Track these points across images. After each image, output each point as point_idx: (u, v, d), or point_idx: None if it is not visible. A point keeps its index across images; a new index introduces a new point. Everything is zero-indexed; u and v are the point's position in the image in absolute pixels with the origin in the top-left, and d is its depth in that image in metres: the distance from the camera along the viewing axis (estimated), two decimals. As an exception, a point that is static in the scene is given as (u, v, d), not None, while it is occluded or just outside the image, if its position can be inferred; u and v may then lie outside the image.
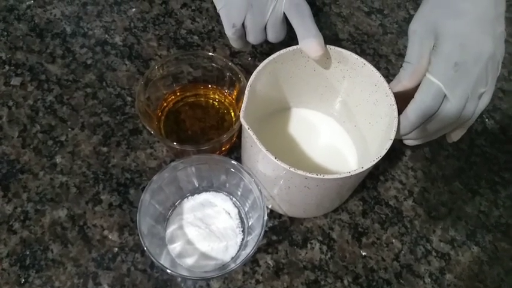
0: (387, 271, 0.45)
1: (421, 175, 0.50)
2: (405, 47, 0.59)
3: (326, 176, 0.34)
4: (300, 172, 0.34)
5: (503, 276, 0.46)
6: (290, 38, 0.58)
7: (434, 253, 0.46)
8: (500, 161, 0.52)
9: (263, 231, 0.39)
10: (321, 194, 0.39)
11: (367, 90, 0.42)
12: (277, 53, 0.41)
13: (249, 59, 0.56)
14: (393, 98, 0.39)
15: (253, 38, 0.45)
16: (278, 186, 0.40)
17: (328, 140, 0.49)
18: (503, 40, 0.38)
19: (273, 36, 0.45)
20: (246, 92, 0.39)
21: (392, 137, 0.37)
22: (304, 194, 0.38)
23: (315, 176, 0.34)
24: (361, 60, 0.41)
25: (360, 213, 0.47)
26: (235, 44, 0.47)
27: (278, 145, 0.42)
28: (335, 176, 0.35)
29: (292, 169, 0.34)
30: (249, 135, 0.36)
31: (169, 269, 0.37)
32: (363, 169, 0.35)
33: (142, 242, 0.37)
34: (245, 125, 0.36)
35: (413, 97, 0.38)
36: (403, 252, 0.46)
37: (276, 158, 0.35)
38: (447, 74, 0.36)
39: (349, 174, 0.35)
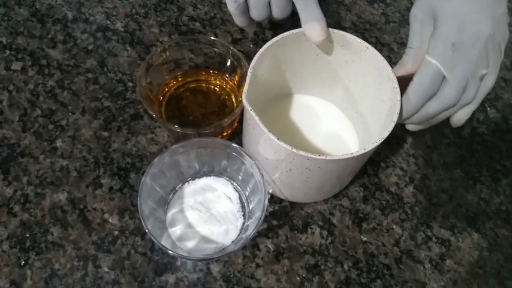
0: (387, 256, 0.45)
1: (422, 162, 0.50)
2: (407, 35, 0.59)
3: (328, 157, 0.34)
4: (302, 153, 0.34)
5: (503, 262, 0.46)
6: (292, 25, 0.58)
7: (434, 239, 0.46)
8: (501, 150, 0.52)
9: (264, 214, 0.38)
10: (322, 177, 0.39)
11: (369, 74, 0.42)
12: (280, 36, 0.41)
13: (251, 46, 0.56)
14: (396, 82, 0.39)
15: (256, 13, 0.44)
16: (279, 170, 0.40)
17: (329, 126, 0.49)
18: (506, 22, 0.38)
19: (277, 11, 0.43)
20: (249, 73, 0.38)
21: (395, 119, 0.37)
22: (305, 177, 0.38)
23: (317, 157, 0.34)
24: (364, 44, 0.41)
25: (361, 199, 0.47)
26: (238, 21, 0.46)
27: (279, 130, 0.42)
28: (337, 157, 0.34)
29: (294, 150, 0.34)
30: (251, 117, 0.36)
31: (171, 250, 0.37)
32: (365, 150, 0.35)
33: (143, 224, 0.37)
34: (247, 106, 0.36)
35: None
36: (403, 238, 0.46)
37: (278, 139, 0.35)
38: (445, 54, 0.36)
39: (351, 156, 0.34)
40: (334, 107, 0.50)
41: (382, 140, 0.36)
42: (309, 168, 0.37)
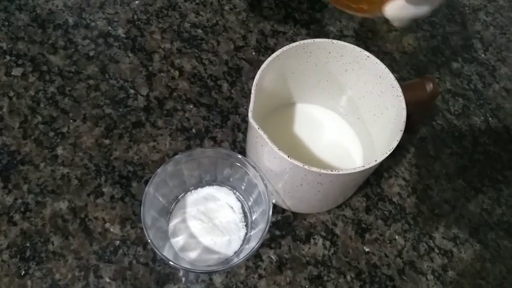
0: (390, 267, 0.45)
1: (425, 172, 0.50)
2: (409, 44, 0.59)
3: (341, 172, 0.34)
4: (315, 169, 0.34)
5: (505, 273, 0.46)
6: (294, 33, 0.58)
7: (437, 250, 0.46)
8: (503, 160, 0.52)
9: (268, 226, 0.38)
10: (333, 190, 0.39)
11: (371, 82, 0.42)
12: (280, 50, 0.41)
13: (253, 53, 0.56)
14: (399, 89, 0.39)
15: None
16: (286, 182, 0.40)
17: (332, 134, 0.49)
18: None
19: None
20: (253, 91, 0.38)
21: (403, 127, 0.37)
22: (316, 190, 0.38)
23: (329, 172, 0.34)
24: (364, 53, 0.41)
25: (364, 210, 0.47)
26: None
27: (282, 140, 0.42)
28: (349, 171, 0.34)
29: (306, 166, 0.34)
30: (260, 135, 0.36)
31: (172, 261, 0.36)
32: (376, 162, 0.35)
33: (146, 234, 0.37)
34: (255, 126, 0.36)
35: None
36: (406, 248, 0.46)
37: (289, 157, 0.34)
38: None
39: (363, 168, 0.34)
40: (336, 114, 0.50)
41: (392, 149, 0.36)
42: (321, 183, 0.36)
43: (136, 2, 0.58)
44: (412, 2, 0.35)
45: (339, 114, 0.49)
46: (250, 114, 0.37)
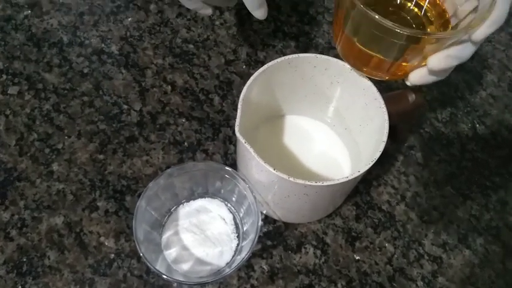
0: (380, 275, 0.45)
1: (413, 180, 0.51)
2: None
3: (325, 183, 0.35)
4: (300, 181, 0.35)
5: (494, 278, 0.46)
6: (284, 46, 0.59)
7: (426, 256, 0.47)
8: (491, 166, 0.53)
9: (257, 236, 0.39)
10: (320, 200, 0.40)
11: (355, 94, 0.43)
12: (265, 65, 0.42)
13: (244, 67, 0.57)
14: (382, 101, 0.40)
15: None
16: (274, 194, 0.41)
17: (320, 145, 0.50)
18: None
19: None
20: (239, 105, 0.39)
21: (385, 139, 0.38)
22: (303, 201, 0.39)
23: (314, 183, 0.35)
24: (347, 66, 0.42)
25: (353, 218, 0.48)
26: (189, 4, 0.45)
27: (270, 151, 0.43)
28: (334, 182, 0.35)
29: (291, 179, 0.35)
30: (247, 149, 0.37)
31: (165, 275, 0.37)
32: (359, 173, 0.36)
33: (138, 248, 0.38)
34: (242, 140, 0.37)
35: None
36: (395, 256, 0.46)
37: (275, 169, 0.36)
38: None
39: (347, 179, 0.35)
40: (325, 126, 0.51)
41: (375, 160, 0.37)
42: (307, 194, 0.37)
43: (129, 19, 0.59)
44: (435, 74, 0.37)
45: (327, 125, 0.50)
46: (237, 129, 0.38)
